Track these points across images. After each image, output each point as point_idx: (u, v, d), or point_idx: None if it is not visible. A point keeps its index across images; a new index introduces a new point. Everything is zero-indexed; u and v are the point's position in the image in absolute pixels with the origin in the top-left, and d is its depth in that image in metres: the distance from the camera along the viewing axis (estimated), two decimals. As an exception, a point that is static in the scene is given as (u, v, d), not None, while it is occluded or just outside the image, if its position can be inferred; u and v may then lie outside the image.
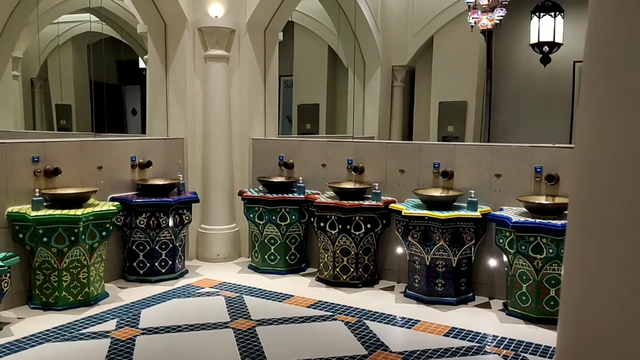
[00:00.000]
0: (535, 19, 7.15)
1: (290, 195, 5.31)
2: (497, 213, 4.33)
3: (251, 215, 5.35)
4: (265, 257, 5.35)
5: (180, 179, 5.34)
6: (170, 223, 4.95)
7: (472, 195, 4.47)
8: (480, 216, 4.36)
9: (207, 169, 5.76)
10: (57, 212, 4.12)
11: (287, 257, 5.34)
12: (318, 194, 5.27)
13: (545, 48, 7.17)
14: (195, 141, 5.72)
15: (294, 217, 5.27)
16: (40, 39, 8.04)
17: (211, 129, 5.71)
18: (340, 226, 4.80)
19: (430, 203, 4.58)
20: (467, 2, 6.14)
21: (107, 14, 7.53)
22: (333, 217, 4.84)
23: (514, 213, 4.27)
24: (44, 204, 4.25)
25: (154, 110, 5.88)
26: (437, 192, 4.75)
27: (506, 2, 6.05)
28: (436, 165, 4.85)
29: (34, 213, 4.07)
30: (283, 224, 5.27)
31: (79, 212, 4.13)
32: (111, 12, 7.43)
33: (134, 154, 5.18)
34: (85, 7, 7.45)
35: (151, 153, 5.34)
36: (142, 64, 9.45)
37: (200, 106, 5.70)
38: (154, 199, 4.89)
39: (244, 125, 5.86)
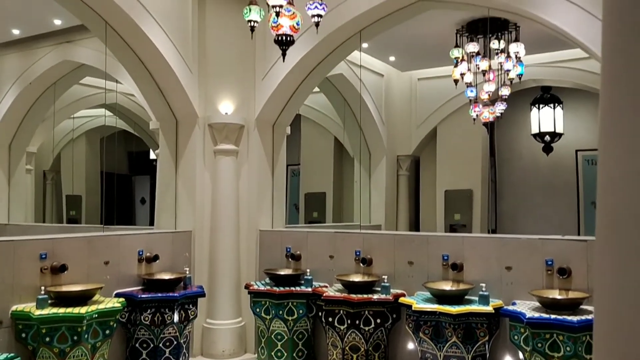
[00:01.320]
0: (535, 110, 7.36)
1: (298, 288, 5.23)
2: (510, 308, 4.22)
3: (258, 310, 5.24)
4: (272, 353, 5.18)
5: (187, 272, 5.30)
6: (176, 319, 4.85)
7: (484, 289, 4.39)
8: (493, 311, 4.25)
9: (214, 261, 5.72)
10: (61, 310, 4.06)
11: (294, 354, 5.17)
12: (326, 286, 5.19)
13: (547, 138, 7.32)
14: (203, 234, 5.73)
15: (301, 311, 5.16)
16: (55, 133, 8.30)
17: (219, 221, 5.74)
18: (349, 321, 4.69)
19: (441, 297, 4.49)
20: (468, 97, 6.35)
21: (121, 110, 7.81)
22: (341, 311, 4.73)
23: (527, 308, 4.16)
24: (49, 301, 4.19)
25: (162, 203, 5.95)
26: (447, 286, 4.66)
27: (506, 97, 6.25)
28: (445, 257, 4.80)
29: (37, 312, 4.01)
30: (290, 318, 5.15)
31: (83, 310, 4.07)
32: (125, 108, 7.72)
33: (141, 248, 5.18)
34: (101, 104, 7.76)
35: (158, 246, 5.33)
36: (152, 155, 9.69)
37: (208, 199, 5.77)
38: (159, 294, 4.82)
39: (252, 217, 5.90)
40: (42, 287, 4.20)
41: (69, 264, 4.44)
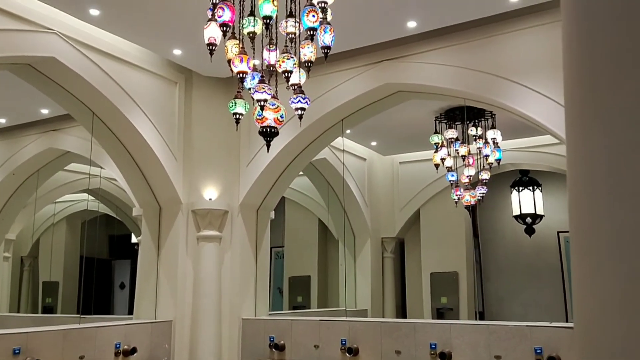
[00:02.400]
0: (515, 192, 7.50)
1: (282, 381, 5.03)
2: (502, 400, 4.08)
3: (240, 405, 5.00)
4: None
5: (166, 365, 5.08)
6: (153, 418, 4.59)
7: (473, 380, 4.26)
8: (484, 404, 4.11)
9: (194, 353, 5.51)
10: (31, 412, 3.83)
11: None
12: (311, 379, 5.00)
13: (528, 219, 7.41)
14: (183, 323, 5.56)
15: (286, 406, 4.93)
16: (36, 218, 8.19)
17: (201, 310, 5.59)
18: (335, 417, 4.48)
19: (430, 389, 4.34)
20: (449, 180, 6.47)
21: (103, 194, 7.78)
22: (328, 406, 4.53)
23: (519, 400, 4.03)
24: (18, 402, 3.96)
25: (143, 291, 5.81)
26: (436, 377, 4.52)
27: (486, 180, 6.38)
28: (433, 346, 4.69)
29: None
30: (274, 414, 4.91)
31: (54, 411, 3.84)
32: (108, 192, 7.69)
33: (118, 341, 4.99)
34: (84, 189, 7.73)
35: (137, 338, 5.14)
36: (134, 239, 9.56)
37: (190, 287, 5.65)
38: (136, 391, 4.59)
39: (234, 305, 5.76)
40: (12, 387, 3.99)
41: (43, 359, 4.24)
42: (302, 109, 3.86)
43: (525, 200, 7.46)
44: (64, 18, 4.62)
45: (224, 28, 3.59)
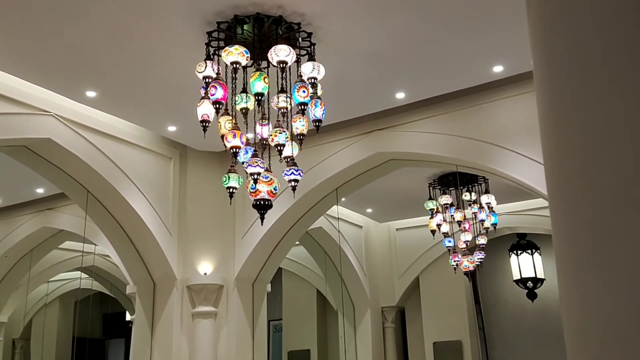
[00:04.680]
0: (514, 256, 7.44)
1: None
2: None
3: None
4: None
5: None
6: None
7: None
8: None
9: None
10: None
11: None
12: None
13: (529, 284, 7.31)
14: (178, 406, 5.32)
15: None
16: (28, 299, 8.03)
17: (196, 391, 5.37)
18: None
19: None
20: (447, 246, 6.43)
21: (97, 271, 7.68)
22: None
23: None
24: None
25: (136, 373, 5.60)
26: None
27: (484, 245, 6.34)
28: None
29: None
30: None
31: None
32: (101, 269, 7.60)
33: None
34: (78, 267, 7.64)
35: None
36: (128, 317, 9.34)
37: (185, 366, 5.45)
38: None
39: (232, 384, 5.54)
40: None
41: None
42: (296, 180, 3.89)
43: (524, 264, 7.39)
44: (61, 100, 4.73)
45: (217, 105, 3.68)
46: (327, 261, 7.95)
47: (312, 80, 3.71)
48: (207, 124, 3.75)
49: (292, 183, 3.89)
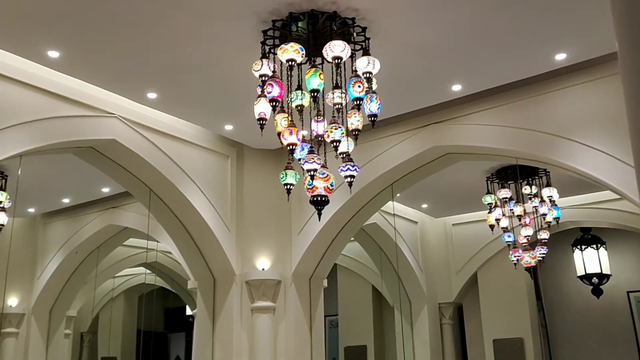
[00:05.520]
0: (577, 252, 7.17)
1: None
2: None
3: None
4: None
5: None
6: None
7: None
8: None
9: None
10: None
11: None
12: None
13: (594, 280, 7.03)
14: (240, 399, 5.43)
15: None
16: (95, 294, 8.40)
17: (257, 384, 5.47)
18: None
19: None
20: (506, 242, 6.26)
21: (159, 267, 7.94)
22: None
23: None
24: None
25: (199, 365, 5.76)
26: None
27: (546, 240, 6.14)
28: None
29: None
30: None
31: None
32: (163, 266, 7.85)
33: (176, 418, 4.91)
34: (141, 263, 7.92)
35: (194, 416, 5.05)
36: (188, 311, 9.62)
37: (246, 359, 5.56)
38: None
39: (291, 378, 5.61)
40: None
41: None
42: (352, 176, 3.88)
43: (589, 260, 7.11)
44: (124, 102, 4.92)
45: (274, 103, 3.72)
46: (382, 257, 7.91)
47: (367, 75, 3.69)
48: (264, 122, 3.79)
49: (349, 179, 3.89)
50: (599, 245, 7.14)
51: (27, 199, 6.61)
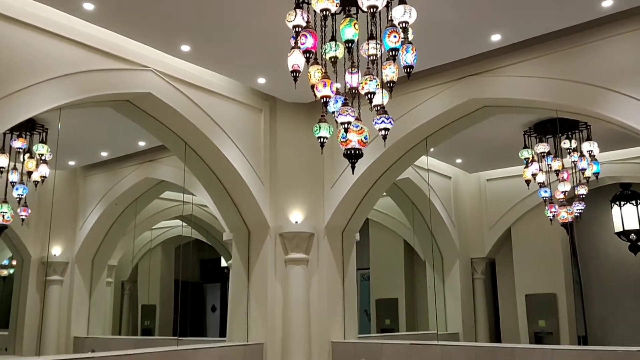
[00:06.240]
0: (616, 207, 7.00)
1: (374, 406, 4.93)
2: None
3: None
4: None
5: (259, 388, 5.15)
6: None
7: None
8: None
9: (286, 376, 5.55)
10: None
11: None
12: (404, 405, 4.87)
13: (632, 236, 6.88)
14: (274, 346, 5.62)
15: None
16: (134, 245, 8.68)
17: (290, 333, 5.63)
18: None
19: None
20: (542, 197, 6.16)
21: (195, 220, 8.13)
22: None
23: None
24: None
25: (235, 314, 5.95)
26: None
27: (584, 195, 6.01)
28: (534, 373, 4.43)
29: None
30: None
31: None
32: (199, 219, 8.03)
33: (214, 363, 5.12)
34: (178, 216, 8.12)
35: (231, 361, 5.26)
36: (223, 263, 9.88)
37: (280, 310, 5.72)
38: (232, 413, 4.67)
39: (323, 327, 5.76)
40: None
41: (144, 380, 4.44)
42: (386, 129, 3.83)
43: (628, 216, 6.94)
44: (158, 55, 4.93)
45: (307, 54, 3.66)
46: (414, 212, 7.91)
47: (404, 25, 3.58)
48: (297, 74, 3.75)
49: (383, 132, 3.83)
50: (638, 201, 6.95)
51: (67, 152, 6.81)
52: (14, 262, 7.46)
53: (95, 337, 7.38)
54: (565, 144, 5.99)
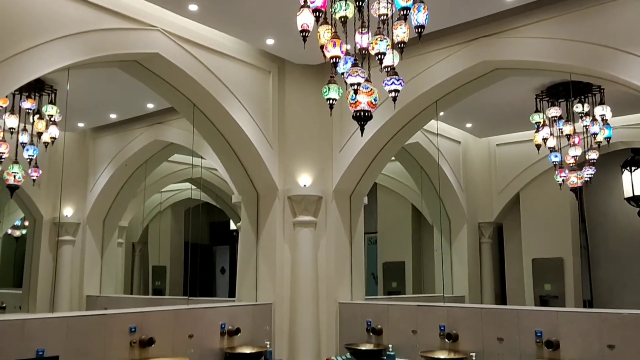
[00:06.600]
0: (626, 173, 6.96)
1: (380, 365, 5.04)
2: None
3: (339, 387, 5.08)
4: None
5: (268, 346, 5.27)
6: (257, 395, 4.79)
7: (585, 371, 4.03)
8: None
9: (294, 335, 5.66)
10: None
11: None
12: (410, 364, 4.97)
13: (642, 202, 6.84)
14: (282, 306, 5.72)
15: (384, 390, 4.94)
16: (144, 207, 8.77)
17: (299, 294, 5.72)
18: (436, 403, 4.42)
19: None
20: (552, 162, 6.12)
21: (204, 183, 8.18)
22: (428, 392, 4.48)
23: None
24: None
25: (244, 275, 6.04)
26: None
27: (594, 160, 5.97)
28: (538, 334, 4.49)
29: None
30: (373, 397, 4.94)
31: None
32: (208, 182, 8.08)
33: (223, 321, 5.23)
34: (187, 178, 8.17)
35: (240, 319, 5.37)
36: (232, 226, 9.98)
37: (288, 271, 5.79)
38: (241, 369, 4.79)
39: (331, 289, 5.84)
40: (131, 361, 4.31)
41: (156, 337, 4.54)
42: (396, 90, 3.78)
43: (638, 181, 6.90)
44: (165, 15, 4.87)
45: (317, 13, 3.60)
46: (423, 176, 7.91)
47: (416, -17, 3.51)
48: (306, 34, 3.69)
49: (393, 93, 3.79)
50: (649, 167, 6.89)
51: (76, 114, 6.81)
52: (27, 223, 7.57)
53: (107, 296, 7.54)
54: (578, 107, 5.91)
